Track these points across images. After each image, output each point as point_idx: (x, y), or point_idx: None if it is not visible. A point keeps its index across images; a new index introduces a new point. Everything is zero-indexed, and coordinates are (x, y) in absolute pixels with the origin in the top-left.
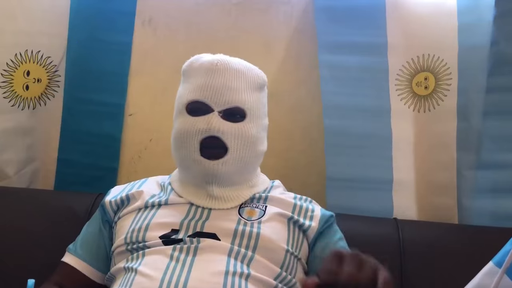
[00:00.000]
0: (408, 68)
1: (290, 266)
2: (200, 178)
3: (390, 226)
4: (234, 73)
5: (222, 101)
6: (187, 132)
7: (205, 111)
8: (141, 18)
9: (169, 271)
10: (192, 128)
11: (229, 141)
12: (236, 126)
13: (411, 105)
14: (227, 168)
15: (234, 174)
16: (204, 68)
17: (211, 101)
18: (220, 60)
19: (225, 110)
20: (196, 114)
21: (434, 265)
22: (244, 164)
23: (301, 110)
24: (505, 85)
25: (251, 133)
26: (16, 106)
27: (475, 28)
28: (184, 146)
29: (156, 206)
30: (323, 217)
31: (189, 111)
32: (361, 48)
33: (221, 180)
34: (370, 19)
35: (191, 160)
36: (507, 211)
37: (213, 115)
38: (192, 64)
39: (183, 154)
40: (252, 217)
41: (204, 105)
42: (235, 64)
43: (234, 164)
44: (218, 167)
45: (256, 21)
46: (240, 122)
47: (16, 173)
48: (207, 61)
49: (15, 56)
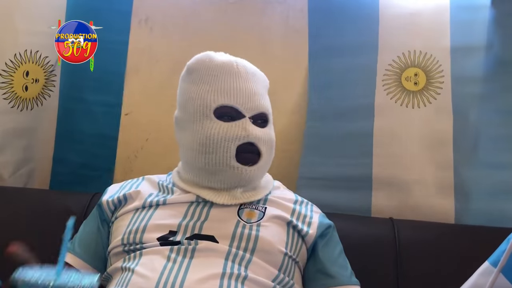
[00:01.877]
0: (398, 62)
1: (288, 268)
2: (229, 183)
3: (386, 226)
4: (253, 77)
5: (252, 106)
6: (222, 138)
7: (235, 116)
8: (137, 17)
9: (166, 272)
10: (228, 134)
11: (262, 146)
12: (264, 132)
13: (398, 99)
14: (258, 173)
15: (260, 178)
16: (225, 70)
17: (242, 107)
18: (237, 62)
19: (254, 115)
20: (228, 120)
21: (430, 264)
22: (267, 168)
23: (296, 110)
24: (503, 85)
25: (273, 138)
26: (16, 107)
27: (469, 26)
28: (216, 151)
29: (154, 206)
30: (321, 225)
31: (217, 115)
32: (351, 49)
33: (249, 183)
34: (363, 19)
35: (224, 166)
36: (504, 211)
37: (246, 121)
38: (205, 63)
39: (215, 159)
40: (251, 219)
41: (234, 110)
42: (250, 67)
43: (263, 169)
44: (252, 172)
45: (252, 20)
46: (266, 128)
47: (11, 175)
48: (224, 61)
49: (15, 57)
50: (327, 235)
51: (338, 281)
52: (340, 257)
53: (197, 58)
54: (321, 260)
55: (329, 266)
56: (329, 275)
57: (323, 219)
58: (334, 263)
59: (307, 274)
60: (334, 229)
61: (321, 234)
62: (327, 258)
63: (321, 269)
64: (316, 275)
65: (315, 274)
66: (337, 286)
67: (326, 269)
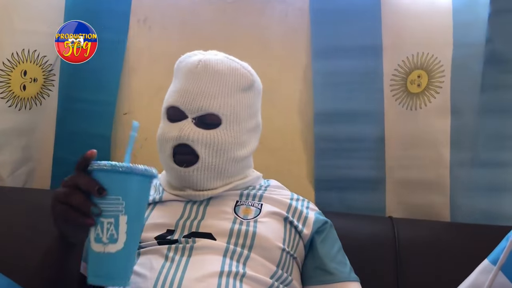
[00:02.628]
0: (403, 67)
1: (286, 264)
2: (177, 183)
3: (386, 224)
4: (213, 76)
5: (195, 107)
6: (163, 138)
7: (180, 117)
8: (136, 17)
9: (164, 271)
10: (167, 135)
11: (200, 148)
12: (208, 134)
13: (405, 104)
14: (200, 175)
15: (209, 180)
16: (185, 71)
17: (185, 108)
18: (202, 61)
19: (198, 117)
20: (173, 120)
21: (429, 263)
22: (220, 171)
23: (295, 108)
24: (499, 83)
25: (225, 140)
26: (13, 107)
27: (471, 26)
28: (161, 151)
29: (151, 206)
30: (317, 221)
31: (169, 116)
32: (356, 52)
33: (196, 185)
34: (366, 21)
35: (167, 166)
36: (500, 209)
37: (186, 122)
38: (179, 64)
39: (162, 158)
40: (248, 215)
41: (179, 111)
42: (217, 65)
43: (207, 171)
44: (189, 174)
45: (251, 20)
46: (213, 129)
47: (9, 175)
48: (190, 62)
49: (12, 56)
50: (324, 231)
51: (337, 277)
52: (339, 253)
53: (180, 58)
54: (319, 256)
55: (328, 263)
56: (328, 271)
57: (319, 215)
58: (332, 260)
59: (305, 271)
60: (332, 226)
61: (317, 230)
62: (326, 254)
63: (319, 265)
64: (314, 271)
65: (314, 271)
66: (336, 282)
67: (325, 266)
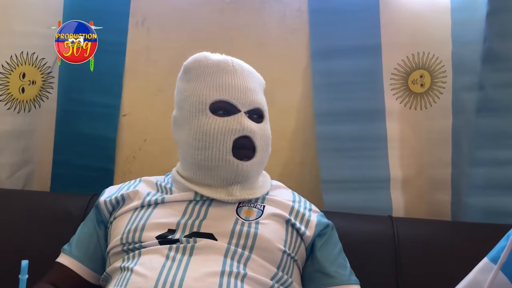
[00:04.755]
0: (403, 66)
1: (286, 266)
2: (226, 179)
3: (385, 223)
4: (248, 74)
5: (247, 101)
6: (218, 132)
7: (231, 111)
8: (135, 18)
9: (165, 271)
10: (224, 128)
11: (258, 141)
12: (260, 127)
13: (407, 103)
14: (254, 169)
15: (256, 174)
16: (221, 67)
17: (238, 102)
18: (233, 60)
19: (250, 110)
20: (224, 114)
21: (429, 262)
22: (263, 164)
23: (295, 109)
24: (498, 82)
25: (268, 134)
26: (12, 109)
27: (469, 24)
28: (212, 147)
29: (152, 205)
30: (319, 224)
31: (213, 110)
32: (355, 51)
33: (246, 180)
34: (364, 20)
35: (221, 161)
36: (501, 208)
37: (241, 115)
38: (200, 62)
39: (211, 154)
40: (250, 217)
41: (229, 105)
42: (246, 65)
43: (258, 165)
44: (248, 168)
45: (249, 20)
46: (261, 123)
47: (8, 177)
48: (220, 60)
49: (11, 58)
50: (325, 234)
51: (337, 280)
52: (340, 256)
53: (193, 57)
54: (320, 259)
55: (328, 266)
56: (328, 274)
57: (321, 218)
58: (333, 263)
59: (306, 273)
60: (333, 228)
61: (319, 233)
62: (326, 257)
63: (320, 268)
64: (315, 274)
65: (314, 274)
66: (336, 285)
67: (325, 269)
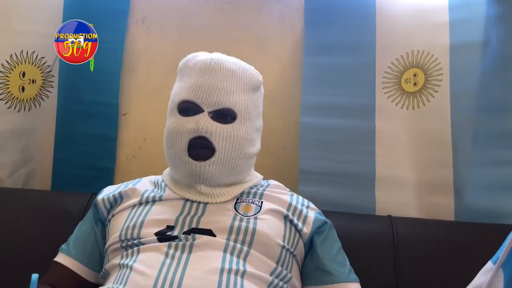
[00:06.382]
0: (397, 65)
1: (286, 261)
2: (188, 177)
3: (385, 223)
4: (227, 73)
5: (212, 101)
6: (176, 131)
7: (195, 111)
8: (134, 17)
9: (164, 269)
10: (181, 128)
11: (217, 142)
12: (225, 127)
13: (399, 102)
14: (214, 169)
15: (221, 175)
16: (198, 67)
17: (201, 102)
18: (214, 59)
19: (215, 111)
20: (187, 114)
21: (429, 262)
22: (232, 166)
23: (293, 108)
24: (499, 81)
25: (240, 135)
26: (12, 108)
27: (467, 24)
28: (173, 146)
29: (150, 202)
30: (316, 220)
31: (180, 110)
32: (349, 48)
33: (208, 180)
34: (360, 18)
35: (179, 160)
36: (503, 208)
37: (202, 116)
38: (187, 63)
39: (173, 153)
40: (248, 212)
41: (194, 105)
42: (229, 64)
43: (221, 166)
44: (204, 168)
45: (248, 20)
46: (230, 124)
47: (9, 176)
48: (201, 60)
49: (11, 57)
50: (323, 231)
51: (337, 278)
52: (339, 254)
53: (185, 58)
54: (319, 257)
55: (327, 263)
56: (327, 272)
57: (319, 215)
58: (332, 260)
59: (305, 271)
60: (332, 226)
61: (317, 229)
62: (325, 255)
63: (319, 266)
64: (314, 272)
65: (314, 271)
66: (335, 283)
67: (324, 266)
